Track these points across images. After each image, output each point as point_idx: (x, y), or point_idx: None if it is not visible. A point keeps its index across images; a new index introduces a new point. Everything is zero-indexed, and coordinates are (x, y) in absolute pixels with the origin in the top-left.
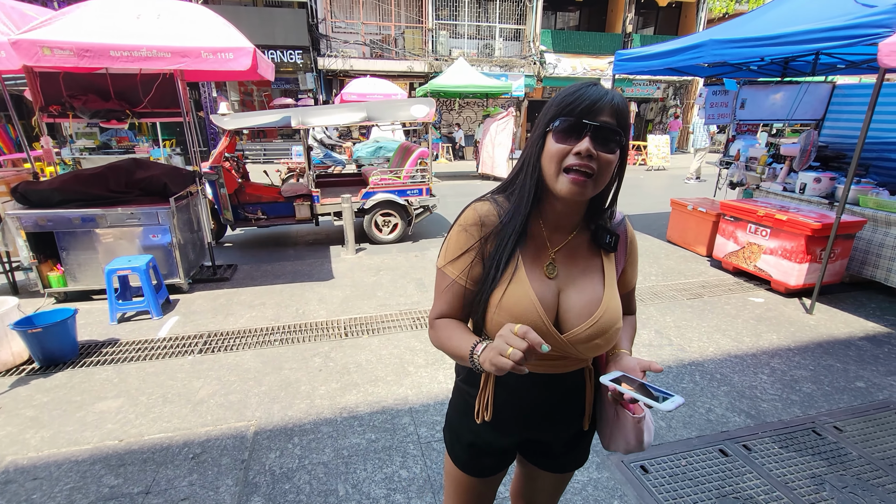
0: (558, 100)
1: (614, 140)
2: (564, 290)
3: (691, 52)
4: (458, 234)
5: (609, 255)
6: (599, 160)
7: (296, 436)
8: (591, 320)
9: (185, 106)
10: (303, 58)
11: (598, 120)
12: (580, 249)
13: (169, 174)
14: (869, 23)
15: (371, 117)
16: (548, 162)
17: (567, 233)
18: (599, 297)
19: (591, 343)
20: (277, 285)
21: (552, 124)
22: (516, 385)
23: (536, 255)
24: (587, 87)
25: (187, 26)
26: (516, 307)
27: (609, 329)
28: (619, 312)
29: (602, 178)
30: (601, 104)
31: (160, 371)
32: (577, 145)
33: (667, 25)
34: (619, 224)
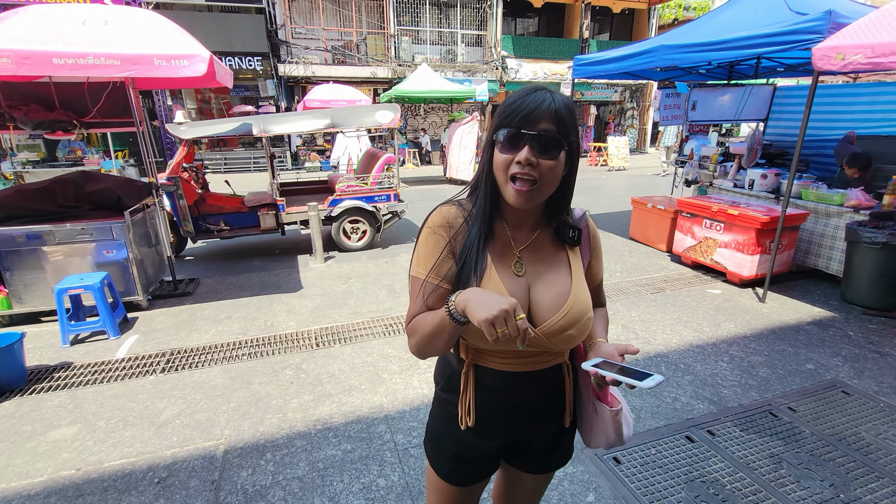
0: (500, 110)
1: (555, 146)
2: (534, 285)
3: (644, 56)
4: (427, 237)
5: (574, 249)
6: (541, 167)
7: (268, 451)
8: (561, 312)
9: (137, 115)
10: (262, 64)
11: (537, 128)
12: (545, 246)
13: (123, 186)
14: (802, 29)
15: (335, 124)
16: (496, 171)
17: (529, 231)
18: (568, 289)
19: (565, 334)
20: (244, 298)
21: (495, 135)
22: (496, 385)
23: (503, 255)
24: (527, 95)
25: (138, 32)
26: None
27: (580, 319)
28: (588, 303)
29: (547, 183)
30: (539, 112)
31: (119, 393)
32: (518, 155)
33: (621, 31)
34: (581, 219)
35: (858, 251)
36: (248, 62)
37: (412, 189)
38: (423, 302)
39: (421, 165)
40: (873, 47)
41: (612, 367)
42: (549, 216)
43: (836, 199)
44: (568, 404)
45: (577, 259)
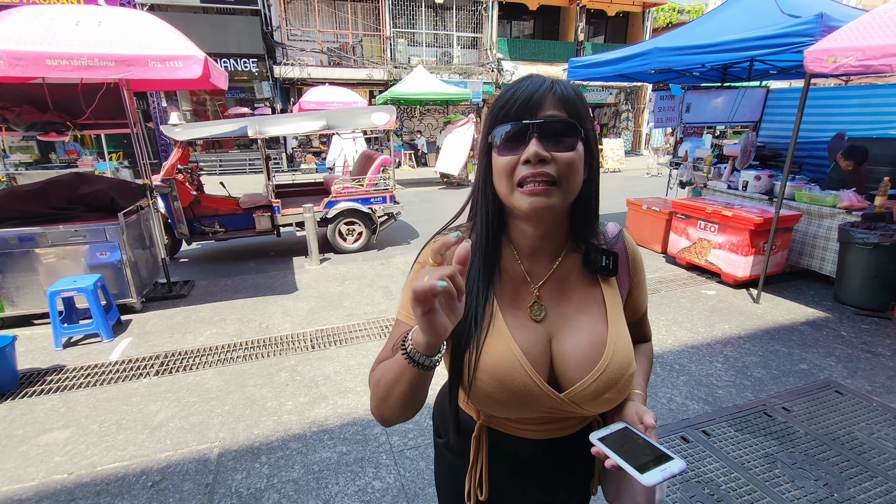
0: (492, 108)
1: (569, 133)
2: (557, 334)
3: (639, 59)
4: (413, 275)
5: (609, 279)
6: (557, 162)
7: (263, 454)
8: (595, 371)
9: (132, 116)
10: (258, 66)
11: (542, 115)
12: (571, 279)
13: (117, 188)
14: (794, 32)
15: (331, 126)
16: (498, 180)
17: (550, 260)
18: (603, 338)
19: (601, 399)
20: (238, 300)
21: (491, 136)
22: (515, 452)
23: (516, 295)
24: (521, 81)
25: (132, 33)
26: (498, 366)
27: (620, 378)
28: (630, 354)
29: (569, 181)
30: (539, 96)
31: (113, 396)
32: (524, 152)
33: (616, 34)
34: (616, 239)
35: (851, 252)
36: (243, 64)
37: (408, 191)
38: (391, 346)
39: (417, 167)
40: (864, 50)
41: (634, 439)
42: (574, 236)
43: (829, 200)
44: (597, 472)
45: (615, 293)
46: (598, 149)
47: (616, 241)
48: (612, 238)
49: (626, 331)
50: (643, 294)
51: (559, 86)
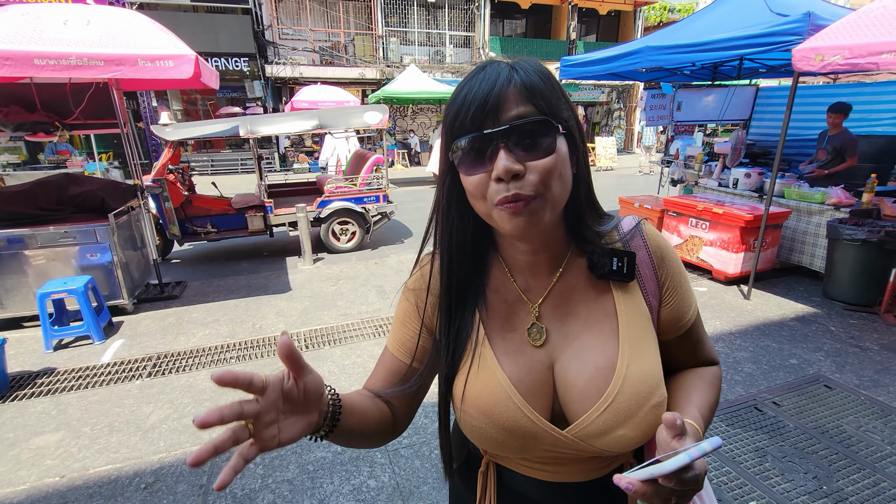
0: (446, 113)
1: (544, 133)
2: (560, 359)
3: (630, 57)
4: (400, 300)
5: (626, 286)
6: (535, 171)
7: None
8: (602, 402)
9: (121, 116)
10: (249, 65)
11: (506, 118)
12: (577, 291)
13: (107, 189)
14: (782, 31)
15: (323, 125)
16: (473, 201)
17: (549, 273)
18: (611, 360)
19: (612, 436)
20: (231, 300)
21: (451, 152)
22: (526, 493)
23: (512, 317)
24: (472, 77)
25: (121, 33)
26: (486, 401)
27: (638, 410)
28: (651, 379)
29: (553, 190)
30: (496, 93)
31: (105, 399)
32: (494, 167)
33: (608, 33)
34: (630, 235)
35: (839, 248)
36: (234, 63)
37: (401, 190)
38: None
39: (410, 166)
40: (851, 48)
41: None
42: (575, 239)
43: (818, 197)
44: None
45: (635, 302)
46: (582, 136)
47: (632, 238)
48: (626, 234)
49: (650, 350)
50: (684, 300)
51: (519, 74)
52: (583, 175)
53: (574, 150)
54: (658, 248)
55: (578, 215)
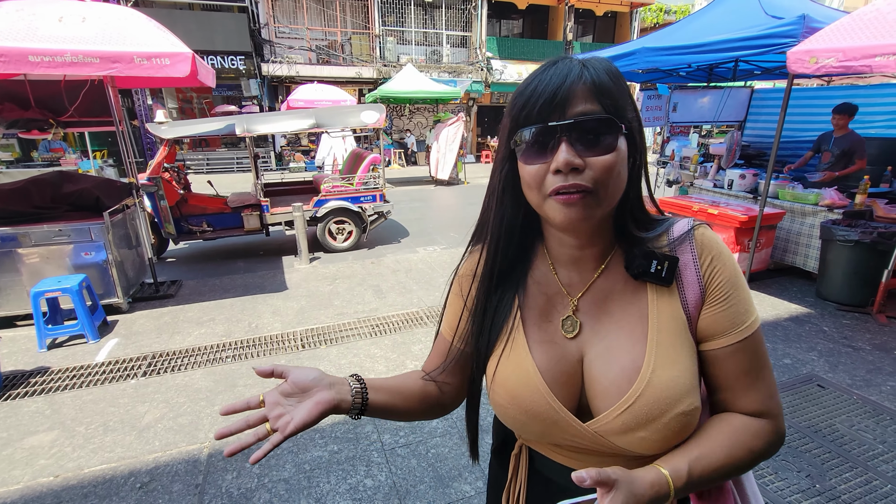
0: (511, 103)
1: (607, 131)
2: (589, 354)
3: (626, 59)
4: (455, 292)
5: (664, 291)
6: (593, 168)
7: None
8: (623, 402)
9: (116, 114)
10: (245, 64)
11: (571, 113)
12: (616, 290)
13: (101, 187)
14: (777, 33)
15: (320, 124)
16: (527, 190)
17: (591, 269)
18: (637, 363)
19: (633, 436)
20: (227, 299)
21: (513, 141)
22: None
23: (549, 309)
24: (543, 71)
25: (117, 30)
26: (511, 383)
27: (660, 415)
28: (680, 387)
29: (608, 188)
30: (567, 88)
31: (99, 398)
32: (553, 160)
33: (604, 34)
34: (681, 240)
35: (832, 249)
36: (230, 61)
37: (398, 190)
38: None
39: (407, 166)
40: (845, 51)
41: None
42: (621, 239)
43: (812, 198)
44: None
45: (671, 308)
46: (643, 139)
47: (681, 243)
48: (676, 239)
49: (682, 358)
50: (728, 314)
51: (590, 72)
52: (638, 176)
53: (633, 151)
54: (709, 257)
55: (628, 215)
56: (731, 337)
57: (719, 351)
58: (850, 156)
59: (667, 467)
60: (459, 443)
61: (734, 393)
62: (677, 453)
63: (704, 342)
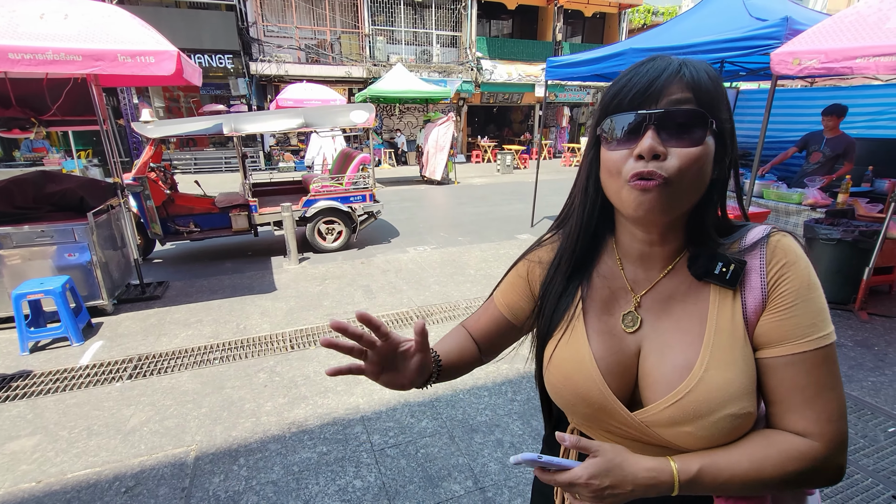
0: (606, 92)
1: (696, 125)
2: (645, 348)
3: (614, 59)
4: (517, 267)
5: (727, 294)
6: (677, 157)
7: (241, 456)
8: (671, 396)
9: (101, 113)
10: (234, 62)
11: (663, 103)
12: (679, 290)
13: (85, 187)
14: (761, 35)
15: (309, 123)
16: (607, 177)
17: (658, 268)
18: (690, 361)
19: (677, 430)
20: (215, 301)
21: (601, 127)
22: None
23: (612, 302)
24: (641, 65)
25: (100, 27)
26: (567, 366)
27: (709, 413)
28: (735, 389)
29: (686, 181)
30: (662, 81)
31: (83, 401)
32: (637, 146)
33: (593, 34)
34: (753, 245)
35: (815, 247)
36: (218, 60)
37: (388, 189)
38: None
39: (397, 166)
40: (827, 53)
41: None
42: (694, 242)
43: (795, 198)
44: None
45: (732, 311)
46: (734, 144)
47: (752, 248)
48: (749, 244)
49: (739, 361)
50: (788, 323)
51: (688, 68)
52: (723, 181)
53: (722, 153)
54: (777, 263)
55: (704, 219)
56: (789, 347)
57: (773, 360)
58: (841, 158)
59: (677, 461)
60: (449, 442)
61: (784, 408)
62: (694, 453)
63: (760, 349)
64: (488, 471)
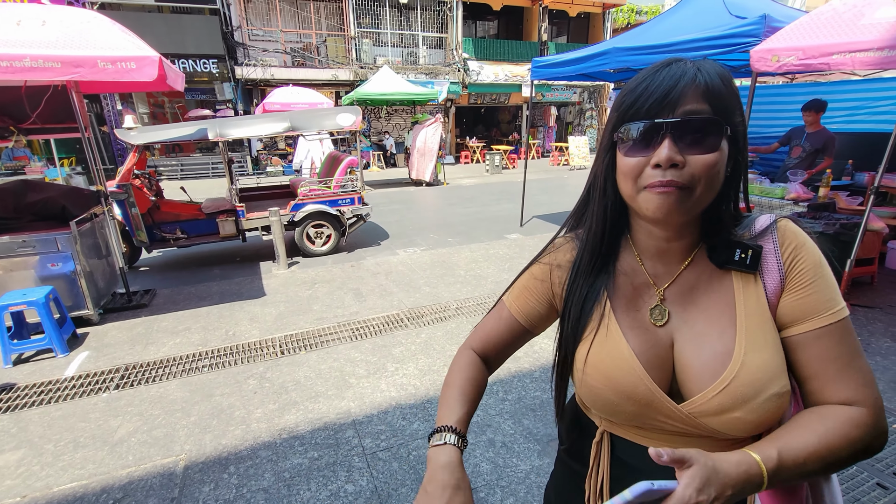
0: (620, 97)
1: (712, 132)
2: (679, 340)
3: (599, 59)
4: (531, 272)
5: (748, 280)
6: (693, 165)
7: (231, 464)
8: (718, 384)
9: (82, 120)
10: (219, 67)
11: (679, 112)
12: (702, 282)
13: (68, 195)
14: (740, 32)
15: (295, 127)
16: (623, 181)
17: (678, 261)
18: (728, 347)
19: (727, 416)
20: (203, 308)
21: (617, 134)
22: (640, 466)
23: (636, 298)
24: (657, 71)
25: (80, 33)
26: (606, 365)
27: (755, 396)
28: (772, 370)
29: (703, 186)
30: (679, 90)
31: (69, 413)
32: (655, 154)
33: (578, 34)
34: (765, 232)
35: None
36: (202, 65)
37: (377, 192)
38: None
39: (386, 168)
40: (804, 49)
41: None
42: (710, 233)
43: (778, 192)
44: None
45: (755, 295)
46: (745, 141)
47: (764, 235)
48: (759, 231)
49: (770, 342)
50: (808, 301)
51: (703, 75)
52: (736, 177)
53: (735, 152)
54: (791, 247)
55: (719, 212)
56: (816, 321)
57: (803, 336)
58: (821, 152)
59: (755, 451)
60: None
61: (823, 381)
62: (764, 440)
63: (788, 327)
64: (480, 471)
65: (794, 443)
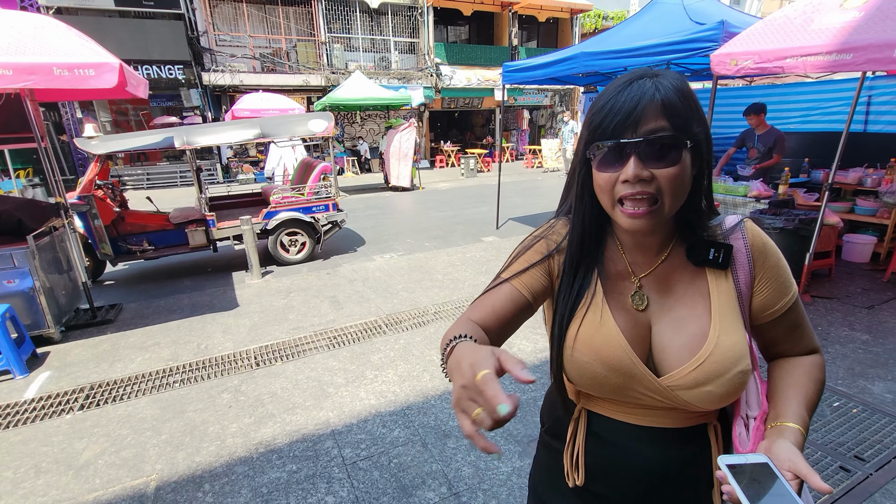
0: (589, 115)
1: (673, 148)
2: (657, 323)
3: (567, 63)
4: (527, 240)
5: (720, 274)
6: (659, 179)
7: (206, 482)
8: (694, 361)
9: (38, 130)
10: (185, 73)
11: (643, 131)
12: (676, 273)
13: (24, 208)
14: (700, 38)
15: (266, 134)
16: (600, 193)
17: (654, 253)
18: (704, 330)
19: (700, 391)
20: (174, 321)
21: (589, 151)
22: (613, 440)
23: (618, 283)
24: (620, 91)
25: (33, 39)
26: (595, 339)
27: (725, 372)
28: (740, 349)
29: (671, 196)
30: (640, 111)
31: (30, 438)
32: (623, 172)
33: (548, 39)
34: (734, 230)
35: None
36: (168, 71)
37: (353, 198)
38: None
39: (361, 173)
40: (760, 54)
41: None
42: (682, 232)
43: (741, 190)
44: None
45: (728, 287)
46: (709, 146)
47: (733, 233)
48: (728, 230)
49: (738, 327)
50: (777, 290)
51: (661, 93)
52: (702, 178)
53: (698, 158)
54: (756, 245)
55: (691, 211)
56: (786, 302)
57: (777, 315)
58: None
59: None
60: (422, 450)
61: (792, 343)
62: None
63: (765, 311)
64: (462, 475)
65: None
